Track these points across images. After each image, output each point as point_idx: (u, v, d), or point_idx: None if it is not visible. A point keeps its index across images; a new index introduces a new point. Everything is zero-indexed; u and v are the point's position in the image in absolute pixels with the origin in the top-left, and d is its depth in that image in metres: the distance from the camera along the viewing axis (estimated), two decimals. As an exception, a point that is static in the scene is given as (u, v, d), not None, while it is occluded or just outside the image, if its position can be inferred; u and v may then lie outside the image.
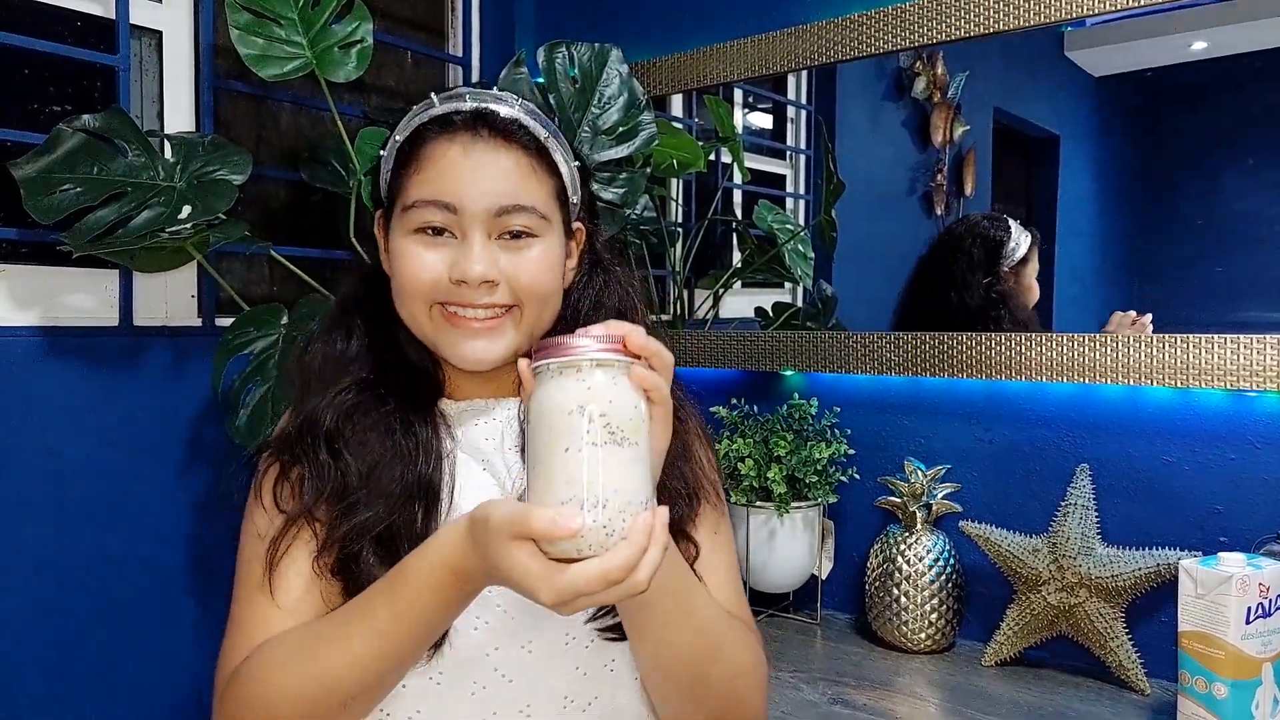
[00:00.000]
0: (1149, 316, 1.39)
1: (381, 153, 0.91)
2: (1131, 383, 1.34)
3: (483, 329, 0.87)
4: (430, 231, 0.86)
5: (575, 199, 0.93)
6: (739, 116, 1.94)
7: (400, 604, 0.75)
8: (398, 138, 0.90)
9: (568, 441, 0.64)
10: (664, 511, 0.67)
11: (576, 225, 0.94)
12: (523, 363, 0.70)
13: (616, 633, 0.86)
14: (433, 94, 0.89)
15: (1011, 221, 1.57)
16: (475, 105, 0.87)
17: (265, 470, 0.89)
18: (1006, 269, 1.55)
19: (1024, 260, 1.54)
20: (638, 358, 0.69)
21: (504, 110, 0.87)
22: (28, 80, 1.40)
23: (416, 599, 0.74)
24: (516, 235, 0.87)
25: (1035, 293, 1.53)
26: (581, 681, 0.87)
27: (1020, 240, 1.55)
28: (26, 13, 1.36)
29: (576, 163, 0.93)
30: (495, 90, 0.89)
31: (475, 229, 0.85)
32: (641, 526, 0.65)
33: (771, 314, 1.90)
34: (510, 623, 0.84)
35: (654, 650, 0.83)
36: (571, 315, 0.94)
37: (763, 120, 2.03)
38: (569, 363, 0.66)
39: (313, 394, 0.89)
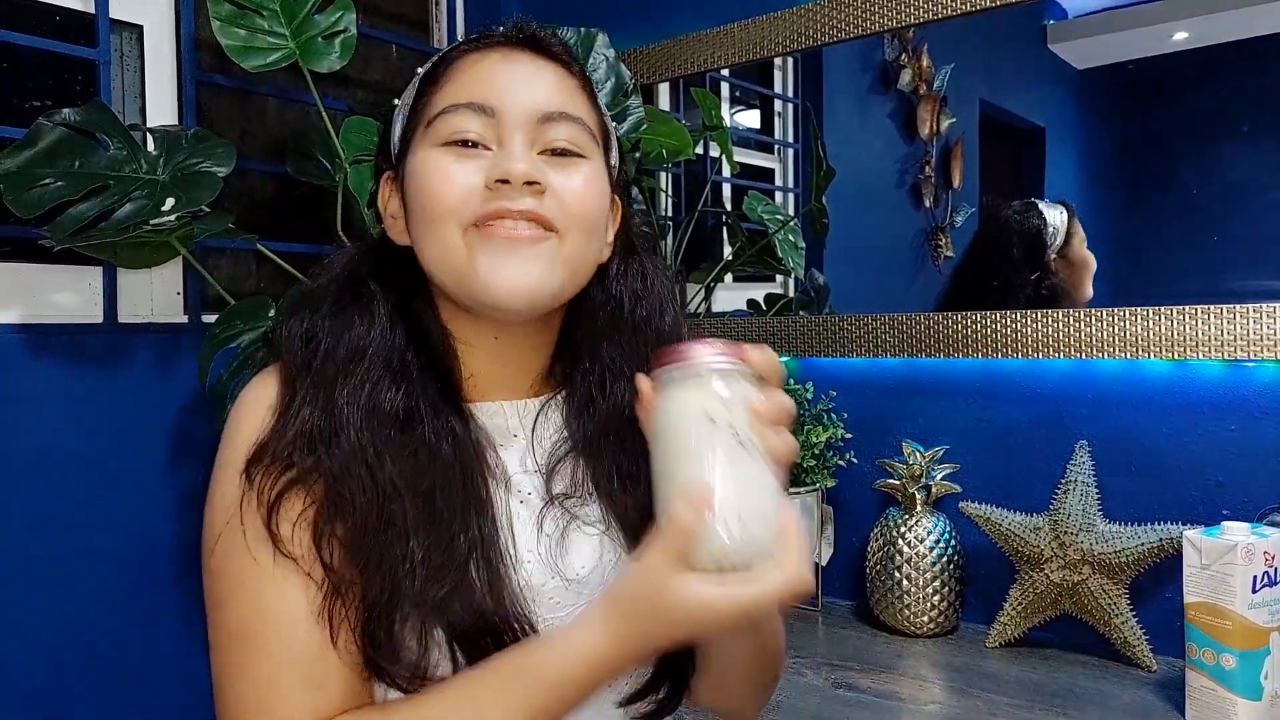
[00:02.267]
0: None
1: (396, 102, 0.81)
2: (1128, 356, 1.33)
3: (527, 240, 0.72)
4: (462, 144, 0.73)
5: (614, 162, 0.83)
6: (726, 112, 1.93)
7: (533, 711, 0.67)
8: (420, 70, 0.79)
9: (699, 450, 0.63)
10: (795, 508, 0.66)
11: (614, 197, 0.83)
12: (641, 377, 0.67)
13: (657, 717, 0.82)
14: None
15: (1041, 204, 1.52)
16: (515, 26, 0.79)
17: (275, 488, 0.69)
18: (1053, 257, 1.49)
19: (1068, 239, 1.48)
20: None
21: (545, 33, 0.79)
22: (6, 75, 1.39)
23: (553, 706, 0.67)
24: (562, 153, 0.75)
25: (1092, 263, 1.47)
26: None
27: (1056, 221, 1.49)
28: (4, 7, 1.34)
29: (615, 124, 0.85)
30: None
31: (515, 134, 0.73)
32: (795, 530, 0.64)
33: (764, 306, 1.88)
34: None
35: (752, 654, 0.81)
36: (614, 308, 0.83)
37: (750, 117, 2.03)
38: (690, 369, 0.64)
39: (334, 389, 0.72)
